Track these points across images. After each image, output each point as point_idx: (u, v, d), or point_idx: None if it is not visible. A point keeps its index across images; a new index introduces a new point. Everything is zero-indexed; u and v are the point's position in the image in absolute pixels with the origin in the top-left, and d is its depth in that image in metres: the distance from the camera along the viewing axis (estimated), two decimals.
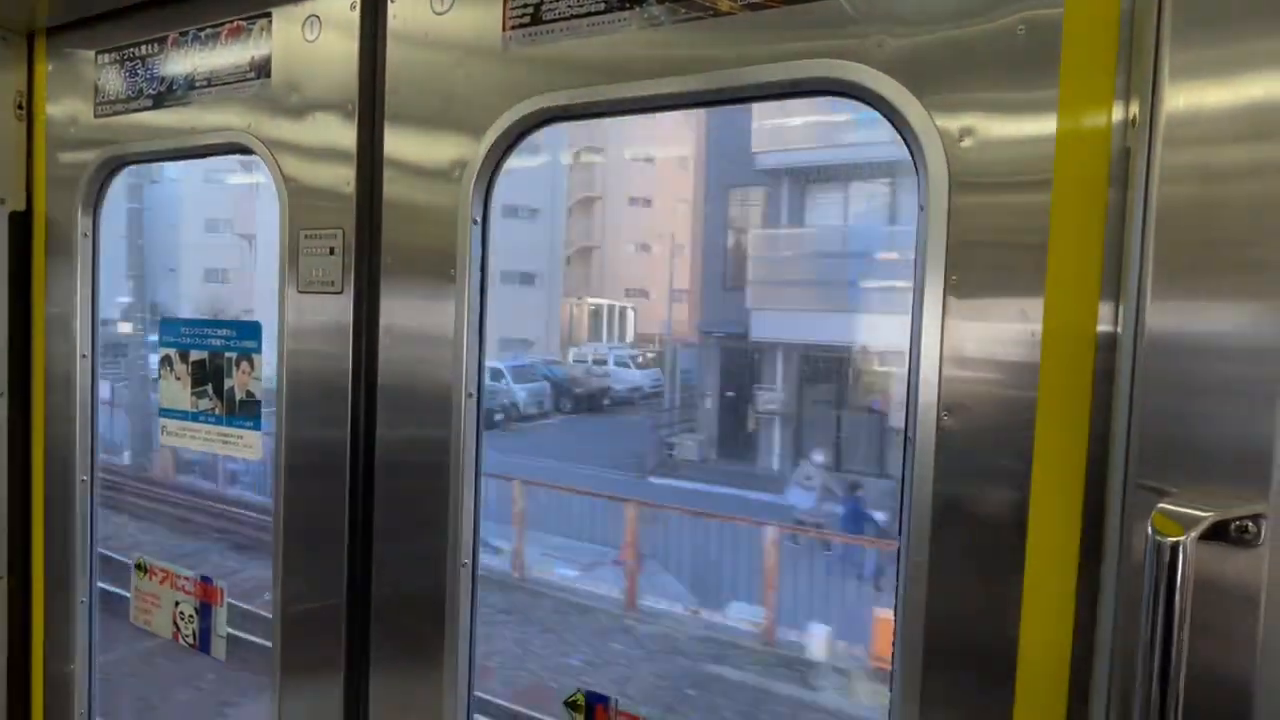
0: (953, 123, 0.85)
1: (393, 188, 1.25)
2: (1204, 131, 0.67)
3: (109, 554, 1.80)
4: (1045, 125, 0.81)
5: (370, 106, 1.26)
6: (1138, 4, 0.75)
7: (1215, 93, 0.67)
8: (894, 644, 0.91)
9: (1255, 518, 0.64)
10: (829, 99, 0.94)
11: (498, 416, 11.33)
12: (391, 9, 1.23)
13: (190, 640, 1.59)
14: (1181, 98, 0.68)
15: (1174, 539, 0.59)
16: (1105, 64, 0.78)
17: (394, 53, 1.24)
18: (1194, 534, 0.60)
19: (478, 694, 1.23)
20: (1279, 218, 0.65)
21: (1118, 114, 0.77)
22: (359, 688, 1.32)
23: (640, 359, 13.20)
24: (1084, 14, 0.79)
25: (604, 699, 1.15)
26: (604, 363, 13.03)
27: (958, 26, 0.85)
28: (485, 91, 1.14)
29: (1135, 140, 0.73)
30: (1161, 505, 0.63)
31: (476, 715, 1.23)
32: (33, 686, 1.80)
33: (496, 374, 11.60)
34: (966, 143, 0.84)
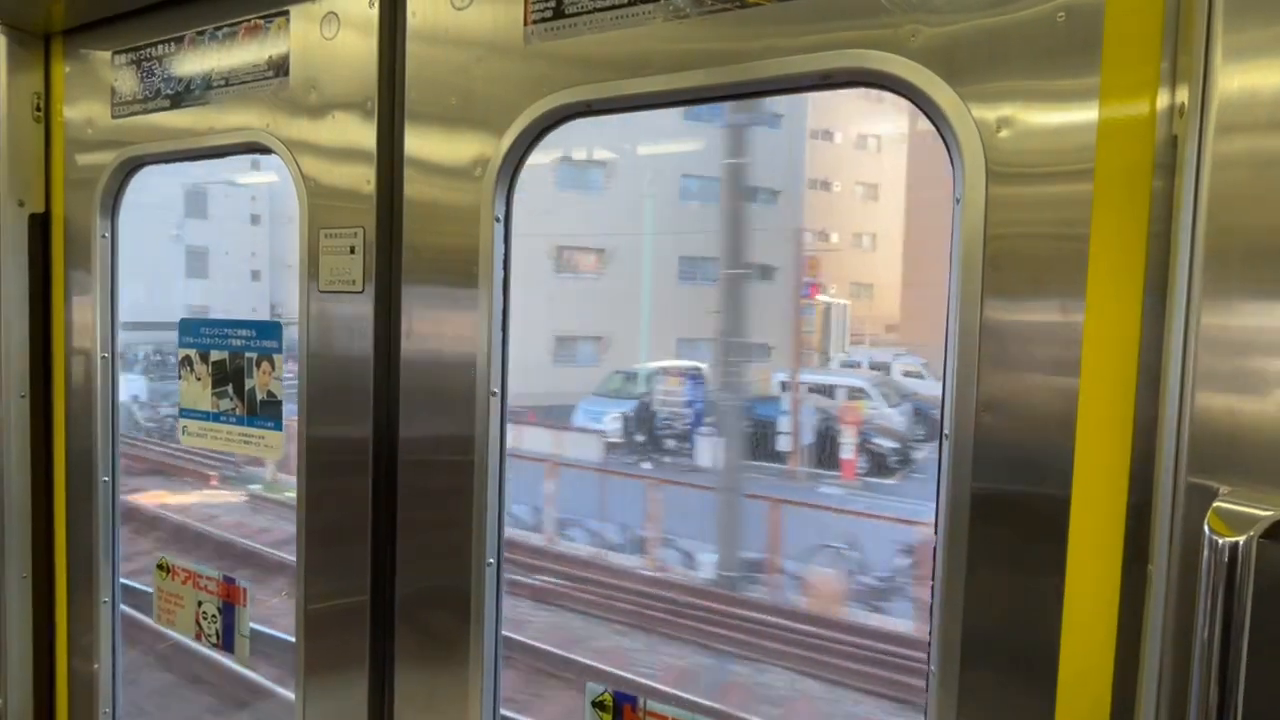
0: (990, 113, 0.83)
1: (413, 186, 1.24)
2: (1260, 116, 0.65)
3: None
4: (1086, 114, 0.79)
5: (390, 104, 1.25)
6: None
7: (1272, 74, 0.64)
8: (929, 644, 0.89)
9: None
10: None
11: (917, 454, 8.51)
12: (410, 5, 1.22)
13: (213, 640, 1.60)
14: (1235, 81, 0.65)
15: (1233, 539, 0.58)
16: (1150, 49, 0.76)
17: (413, 50, 1.23)
18: (1254, 533, 0.58)
19: None
20: None
21: (1163, 101, 0.75)
22: (384, 685, 1.31)
23: (930, 368, 10.31)
24: (1125, 9, 0.77)
25: (632, 699, 1.14)
26: (886, 369, 10.55)
27: (994, 13, 0.83)
28: (506, 88, 1.13)
29: (1184, 127, 0.71)
30: (1218, 504, 0.61)
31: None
32: (56, 686, 1.82)
33: (856, 393, 9.16)
34: (1004, 133, 0.82)
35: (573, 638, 5.17)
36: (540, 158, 1.17)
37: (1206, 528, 0.60)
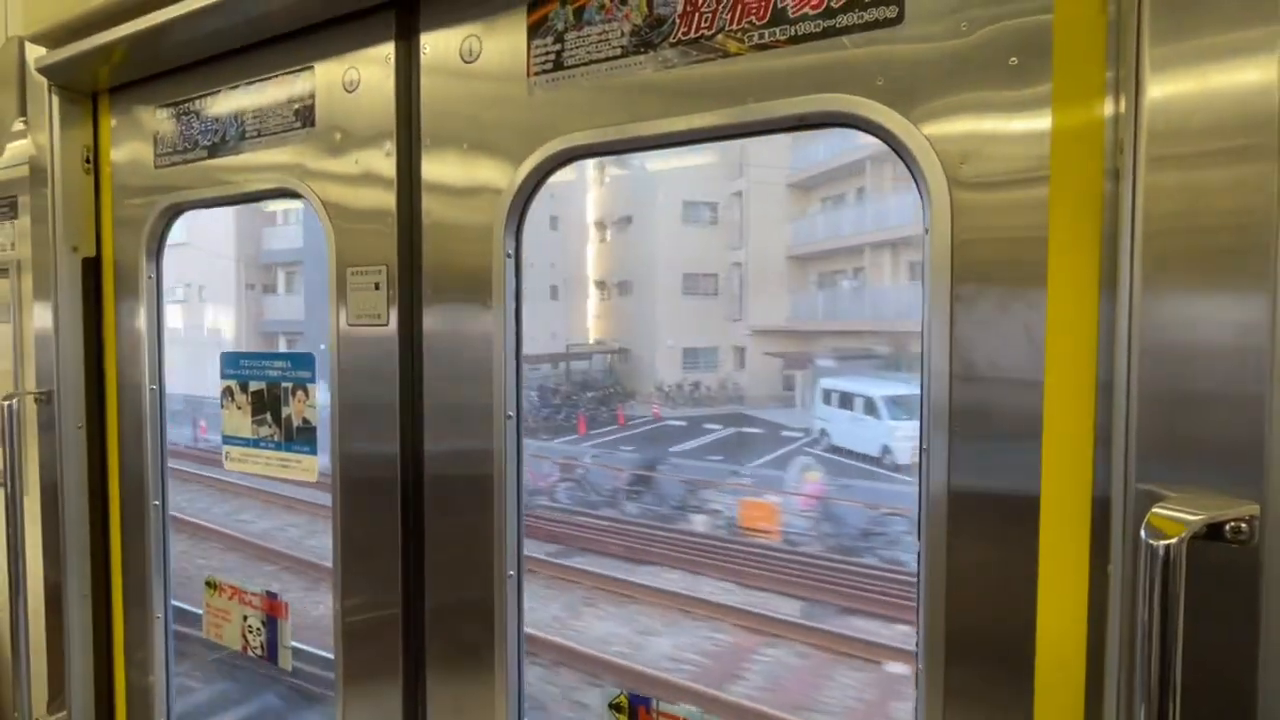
0: (952, 148, 0.89)
1: (430, 224, 1.34)
2: (1187, 122, 0.71)
3: None
4: (1042, 143, 0.85)
5: (407, 150, 1.35)
6: (1123, 5, 0.79)
7: (1193, 83, 0.70)
8: (917, 646, 0.95)
9: (1250, 519, 0.67)
10: None
11: None
12: (424, 60, 1.32)
13: (259, 652, 1.71)
14: (1161, 89, 0.71)
15: (1165, 542, 0.64)
16: (1097, 75, 0.82)
17: (428, 100, 1.33)
18: (1186, 536, 0.64)
19: None
20: (1261, 203, 0.68)
21: (1111, 126, 0.81)
22: (416, 693, 1.40)
23: None
24: (1072, 26, 0.83)
25: (646, 700, 1.21)
26: None
27: (950, 55, 0.89)
28: (513, 134, 1.22)
29: (1124, 144, 0.77)
30: (1155, 509, 0.67)
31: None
32: (115, 697, 1.94)
33: None
34: (967, 167, 0.89)
35: None
36: None
37: (1143, 532, 0.66)
